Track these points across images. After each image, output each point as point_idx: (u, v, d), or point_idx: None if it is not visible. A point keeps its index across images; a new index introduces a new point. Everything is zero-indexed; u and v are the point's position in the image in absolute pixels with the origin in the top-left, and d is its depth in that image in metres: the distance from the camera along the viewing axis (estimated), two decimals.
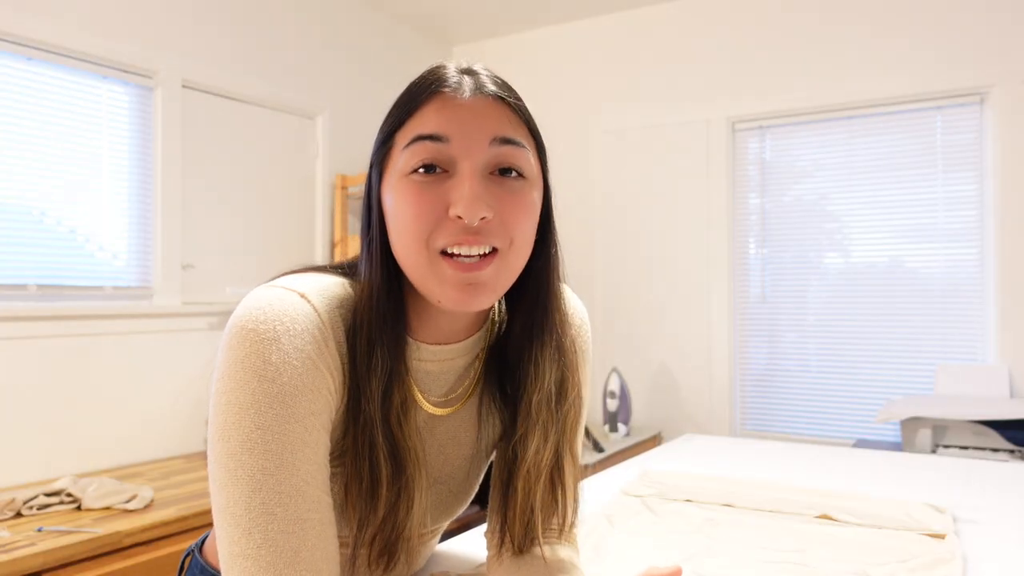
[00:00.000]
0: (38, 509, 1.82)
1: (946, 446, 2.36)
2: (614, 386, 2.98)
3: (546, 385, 0.76)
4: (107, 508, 1.85)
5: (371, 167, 0.74)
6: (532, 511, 0.78)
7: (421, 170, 0.67)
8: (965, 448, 2.34)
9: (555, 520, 0.81)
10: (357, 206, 3.25)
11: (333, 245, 3.12)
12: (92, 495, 1.86)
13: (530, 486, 0.77)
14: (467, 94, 0.69)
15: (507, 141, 0.68)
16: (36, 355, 2.17)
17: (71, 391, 2.25)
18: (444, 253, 0.66)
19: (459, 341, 0.77)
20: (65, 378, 2.24)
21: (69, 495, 1.87)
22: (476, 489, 0.87)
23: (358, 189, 3.18)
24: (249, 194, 2.84)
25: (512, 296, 0.78)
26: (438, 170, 0.67)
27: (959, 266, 2.77)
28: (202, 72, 2.64)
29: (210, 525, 1.89)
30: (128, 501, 1.87)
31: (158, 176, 2.50)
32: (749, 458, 1.67)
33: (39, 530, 1.68)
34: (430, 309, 0.73)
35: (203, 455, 2.52)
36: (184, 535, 1.85)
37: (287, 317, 0.65)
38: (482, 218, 0.66)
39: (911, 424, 2.39)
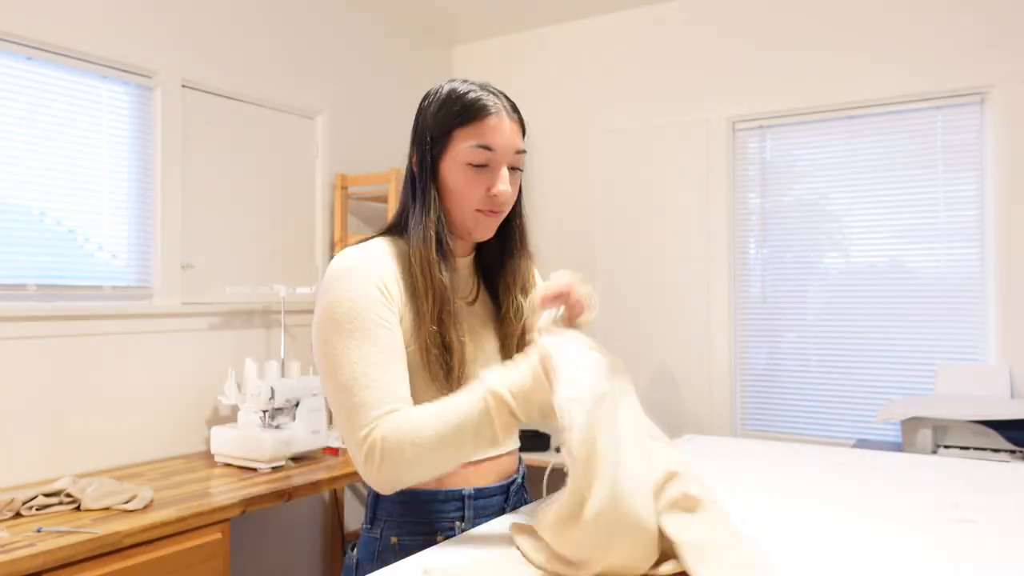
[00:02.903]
0: (37, 509, 1.82)
1: (946, 446, 2.36)
2: None
3: (514, 278, 1.23)
4: (106, 508, 1.85)
5: (423, 145, 1.14)
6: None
7: (477, 165, 1.11)
8: (966, 448, 2.34)
9: None
10: (357, 206, 3.24)
11: (333, 245, 3.12)
12: (91, 495, 1.85)
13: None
14: (505, 119, 1.12)
15: (520, 152, 1.15)
16: (36, 355, 2.17)
17: (71, 391, 2.25)
18: (479, 211, 1.13)
19: (466, 256, 1.23)
20: (65, 378, 2.24)
21: (68, 495, 1.87)
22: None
23: (358, 189, 3.18)
24: (249, 194, 2.84)
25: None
26: (485, 165, 1.12)
27: (959, 266, 2.77)
28: (202, 72, 2.64)
29: (208, 526, 1.89)
30: (128, 501, 1.87)
31: (158, 176, 2.50)
32: (749, 458, 1.67)
33: (38, 530, 1.68)
34: (458, 241, 1.18)
35: (202, 456, 2.52)
36: (184, 535, 1.84)
37: (353, 266, 1.09)
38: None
39: (911, 424, 2.39)
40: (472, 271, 1.23)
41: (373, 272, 1.08)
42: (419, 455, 0.99)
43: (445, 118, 1.11)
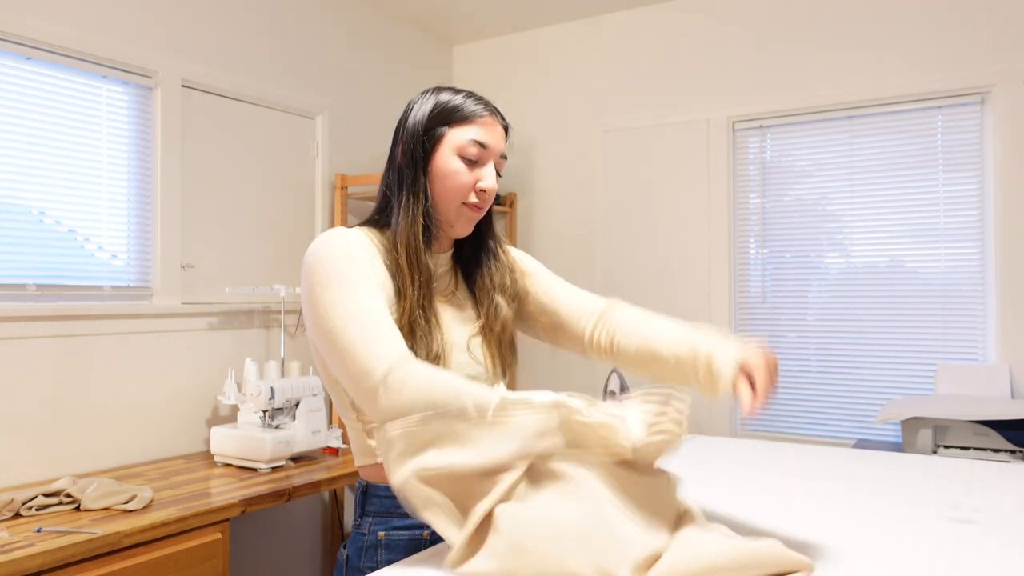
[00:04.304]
0: (37, 510, 1.82)
1: (947, 446, 2.36)
2: (614, 386, 2.98)
3: (492, 280, 1.27)
4: (106, 508, 1.85)
5: (414, 138, 1.18)
6: None
7: (469, 159, 1.17)
8: (966, 448, 2.34)
9: None
10: (357, 206, 3.24)
11: None
12: (91, 495, 1.85)
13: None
14: (497, 122, 1.21)
15: (504, 156, 1.22)
16: (35, 355, 2.17)
17: (70, 391, 2.25)
18: (464, 204, 1.18)
19: (444, 252, 1.26)
20: (64, 378, 2.24)
21: (68, 495, 1.87)
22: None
23: (358, 189, 3.18)
24: (249, 194, 2.84)
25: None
26: (476, 161, 1.17)
27: (959, 266, 2.77)
28: (202, 72, 2.64)
29: (208, 526, 1.89)
30: (127, 501, 1.87)
31: (157, 176, 2.50)
32: (749, 458, 1.67)
33: (38, 531, 1.68)
34: (439, 234, 1.21)
35: (202, 456, 2.52)
36: (184, 535, 1.84)
37: (335, 235, 1.12)
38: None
39: (911, 424, 2.39)
40: (450, 267, 1.27)
41: (358, 247, 1.11)
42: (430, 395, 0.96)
43: (441, 114, 1.17)
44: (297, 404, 2.42)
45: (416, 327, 1.12)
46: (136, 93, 2.47)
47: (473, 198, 1.18)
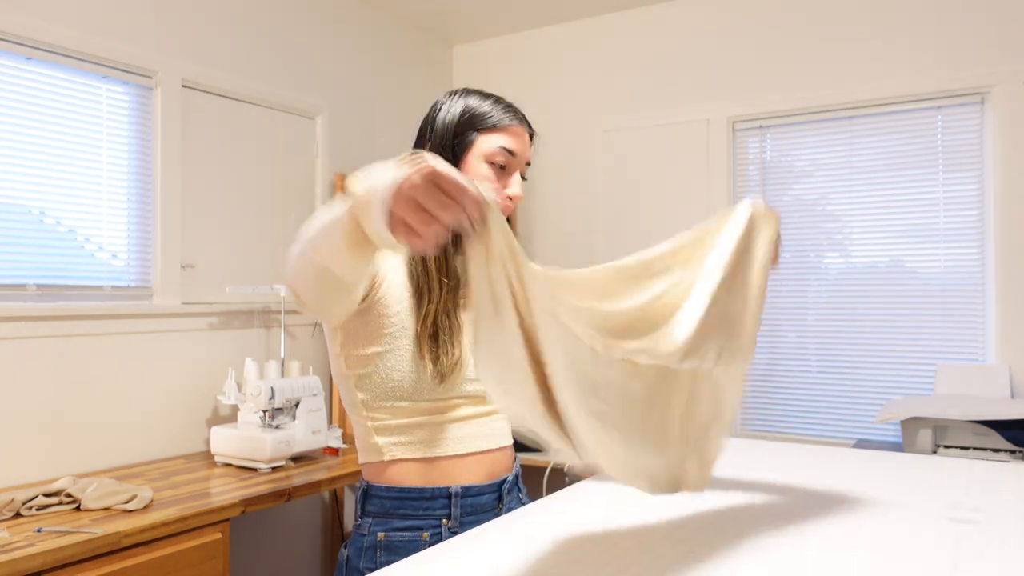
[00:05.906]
0: (37, 509, 1.82)
1: (947, 446, 2.36)
2: None
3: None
4: (106, 508, 1.85)
5: (444, 139, 1.17)
6: None
7: (498, 165, 1.18)
8: (966, 448, 2.34)
9: None
10: None
11: None
12: (91, 495, 1.85)
13: None
14: (525, 130, 1.22)
15: (528, 164, 1.25)
16: (36, 355, 2.17)
17: (71, 391, 2.25)
18: None
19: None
20: (65, 378, 2.24)
21: (68, 495, 1.87)
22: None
23: None
24: (249, 194, 2.84)
25: None
26: (503, 168, 1.19)
27: (959, 266, 2.77)
28: (202, 72, 2.64)
29: (208, 526, 1.89)
30: (127, 501, 1.87)
31: (158, 176, 2.50)
32: (748, 458, 1.67)
33: (38, 530, 1.68)
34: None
35: (202, 456, 2.52)
36: (184, 535, 1.84)
37: None
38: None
39: (911, 424, 2.39)
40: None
41: None
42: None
43: (471, 120, 1.18)
44: (297, 404, 2.42)
45: (440, 331, 1.14)
46: (136, 93, 2.47)
47: (500, 204, 1.20)
